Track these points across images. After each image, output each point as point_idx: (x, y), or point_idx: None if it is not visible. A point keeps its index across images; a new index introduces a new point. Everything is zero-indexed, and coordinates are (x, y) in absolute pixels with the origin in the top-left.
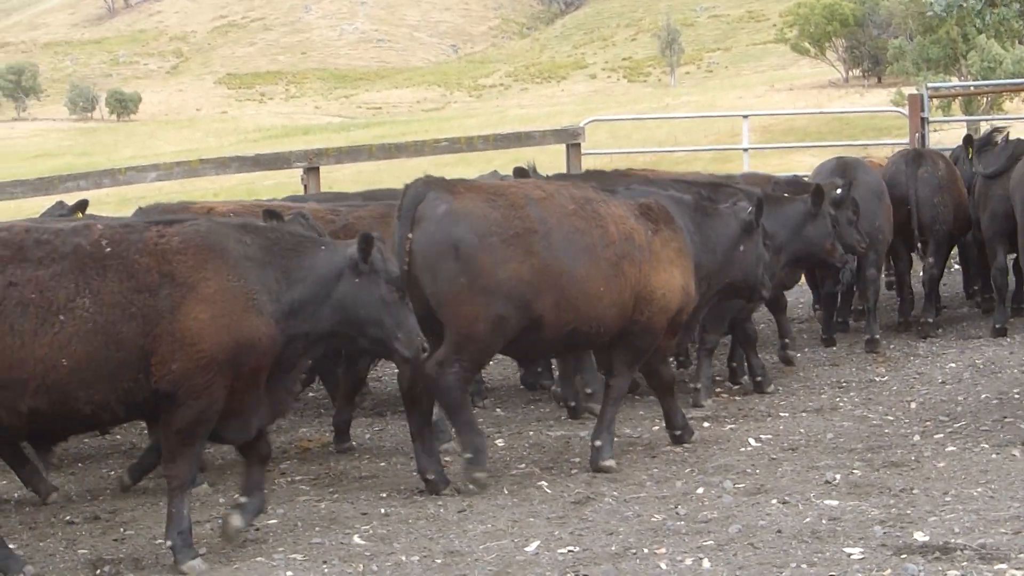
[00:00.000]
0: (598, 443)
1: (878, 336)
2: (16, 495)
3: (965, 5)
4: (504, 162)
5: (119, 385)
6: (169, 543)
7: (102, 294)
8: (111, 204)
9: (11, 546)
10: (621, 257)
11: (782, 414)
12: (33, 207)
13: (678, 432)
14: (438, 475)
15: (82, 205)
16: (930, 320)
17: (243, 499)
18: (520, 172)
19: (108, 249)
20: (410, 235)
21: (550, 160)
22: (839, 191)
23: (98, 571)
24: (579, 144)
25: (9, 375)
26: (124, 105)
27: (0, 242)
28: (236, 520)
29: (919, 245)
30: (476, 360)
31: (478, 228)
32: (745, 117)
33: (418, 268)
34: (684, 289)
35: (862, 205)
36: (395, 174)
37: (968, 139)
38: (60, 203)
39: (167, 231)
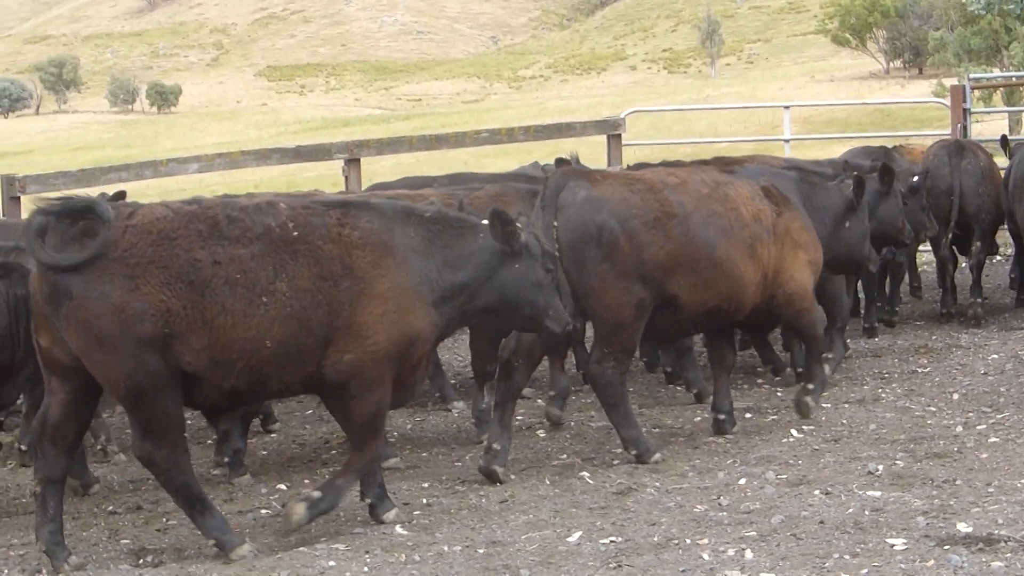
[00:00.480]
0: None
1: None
2: None
3: (1005, 8)
4: (544, 154)
5: (305, 369)
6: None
7: (296, 279)
8: (152, 196)
9: None
10: (754, 238)
11: (824, 405)
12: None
13: (721, 417)
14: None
15: (119, 196)
16: (979, 308)
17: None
18: (561, 163)
19: (296, 233)
20: (555, 223)
21: (590, 151)
22: (916, 179)
23: (140, 561)
24: (620, 135)
25: (221, 355)
26: (164, 97)
27: (195, 216)
28: None
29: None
30: (627, 348)
31: (619, 212)
32: (786, 108)
33: (563, 256)
34: (812, 264)
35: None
36: (435, 165)
37: (1004, 138)
38: (103, 195)
39: (347, 221)
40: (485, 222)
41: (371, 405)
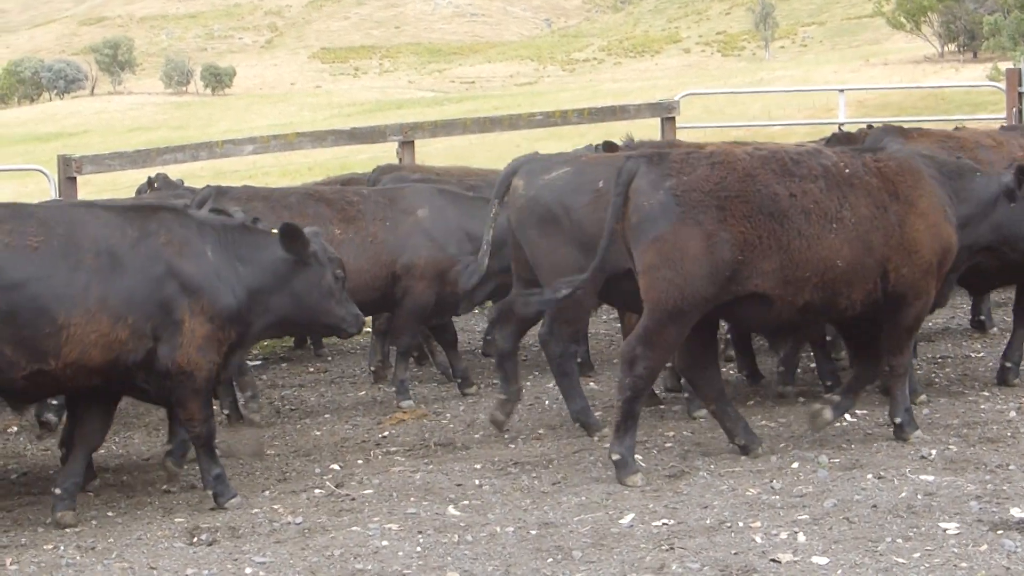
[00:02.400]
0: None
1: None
2: (115, 463)
3: None
4: (597, 136)
5: (865, 287)
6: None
7: (856, 208)
8: (205, 177)
9: (109, 513)
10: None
11: (876, 390)
12: (129, 179)
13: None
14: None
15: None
16: None
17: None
18: (610, 147)
19: (847, 171)
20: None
21: (643, 134)
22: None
23: (194, 539)
24: (674, 118)
25: (795, 274)
26: (219, 79)
27: (768, 158)
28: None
29: None
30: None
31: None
32: (841, 91)
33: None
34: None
35: None
36: (488, 148)
37: None
38: (161, 175)
39: (879, 157)
40: None
41: (918, 311)
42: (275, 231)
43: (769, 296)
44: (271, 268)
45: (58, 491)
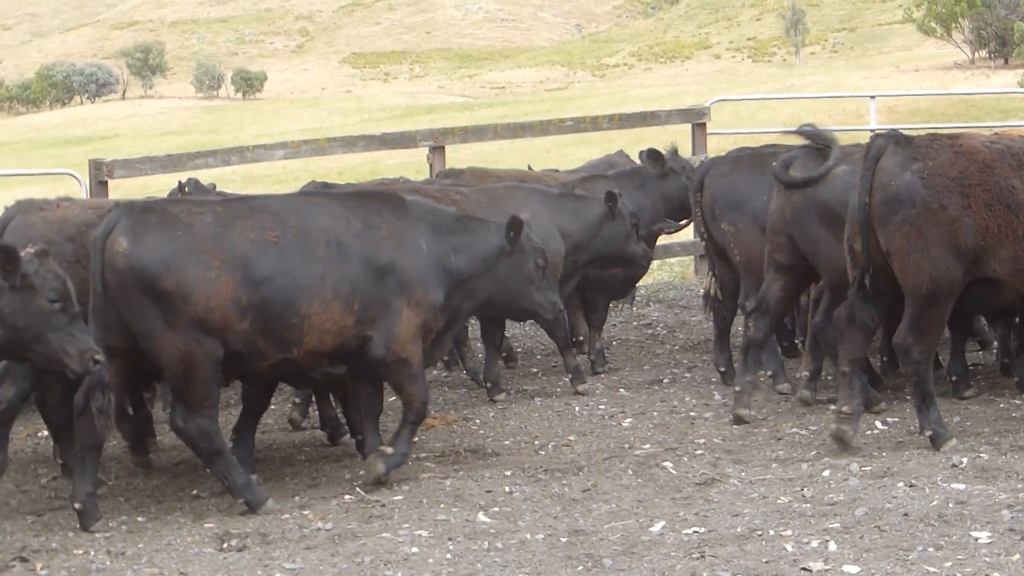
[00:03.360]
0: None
1: None
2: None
3: None
4: (627, 142)
5: None
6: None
7: None
8: (237, 182)
9: (139, 519)
10: None
11: (908, 397)
12: (160, 184)
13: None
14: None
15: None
16: None
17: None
18: (654, 154)
19: None
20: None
21: (673, 141)
22: None
23: (224, 544)
24: (704, 124)
25: None
26: (249, 83)
27: (1004, 151)
28: None
29: None
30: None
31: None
32: (872, 98)
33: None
34: None
35: None
36: (517, 153)
37: None
38: (192, 180)
39: None
40: None
41: None
42: (496, 222)
43: (1001, 281)
44: (482, 257)
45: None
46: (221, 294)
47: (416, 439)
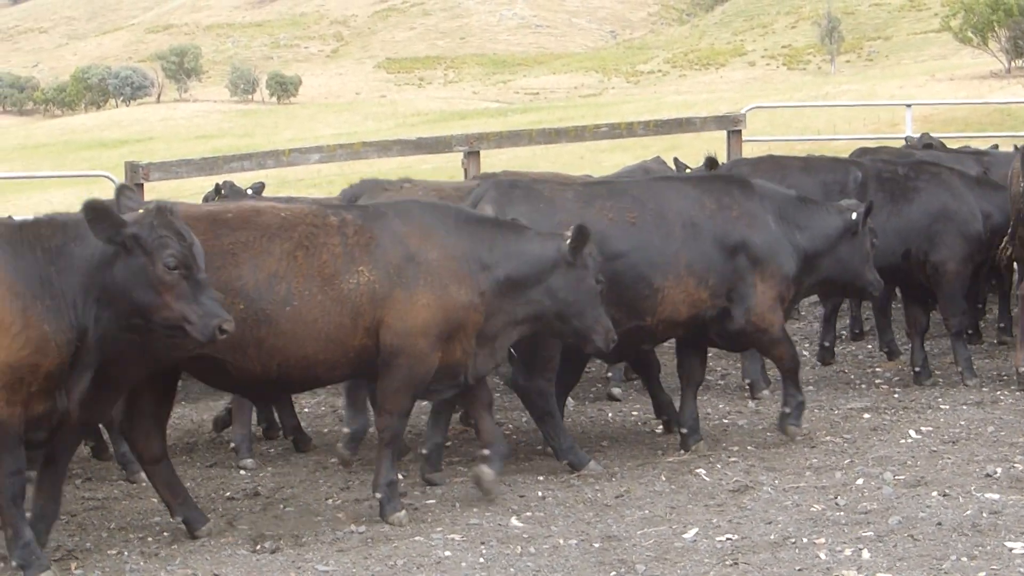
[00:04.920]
0: None
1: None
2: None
3: None
4: (662, 148)
5: None
6: None
7: None
8: (271, 185)
9: (173, 519)
10: None
11: (942, 406)
12: (195, 187)
13: None
14: None
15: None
16: None
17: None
18: (711, 163)
19: None
20: None
21: (708, 148)
22: None
23: (258, 546)
24: (740, 131)
25: None
26: (284, 88)
27: None
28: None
29: None
30: None
31: None
32: (908, 106)
33: None
34: None
35: None
36: (551, 159)
37: None
38: (228, 183)
39: None
40: None
41: None
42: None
43: None
44: (823, 235)
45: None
46: None
47: (449, 442)
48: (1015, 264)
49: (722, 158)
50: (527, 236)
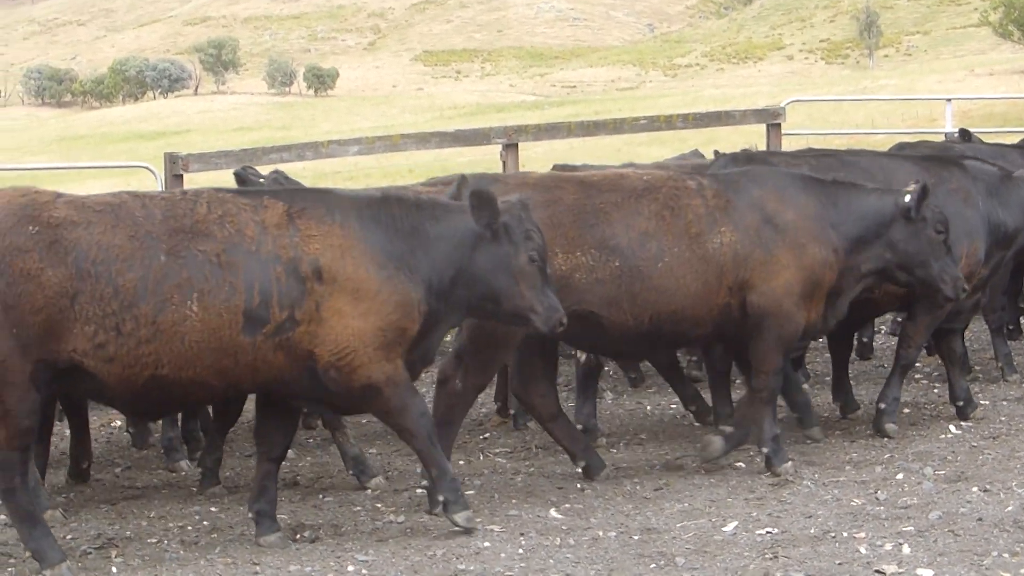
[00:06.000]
0: None
1: None
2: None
3: None
4: (700, 141)
5: None
6: None
7: None
8: (307, 178)
9: (212, 509)
10: None
11: (982, 402)
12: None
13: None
14: None
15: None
16: None
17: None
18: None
19: None
20: None
21: (746, 141)
22: None
23: (297, 535)
24: (779, 124)
25: None
26: (322, 80)
27: None
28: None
29: None
30: None
31: None
32: (948, 101)
33: None
34: None
35: None
36: (589, 152)
37: None
38: (279, 172)
39: None
40: None
41: None
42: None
43: None
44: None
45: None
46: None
47: (487, 434)
48: None
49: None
50: (866, 193)
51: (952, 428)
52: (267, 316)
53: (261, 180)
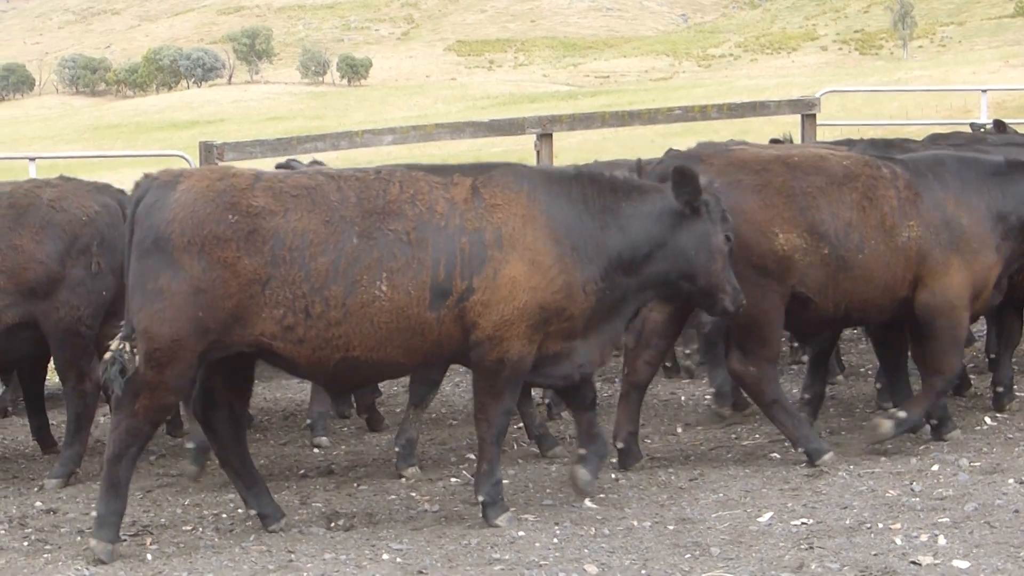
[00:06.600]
0: None
1: None
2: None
3: None
4: (733, 132)
5: None
6: None
7: None
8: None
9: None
10: None
11: (1019, 393)
12: (268, 168)
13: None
14: None
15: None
16: None
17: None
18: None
19: None
20: None
21: (779, 132)
22: None
23: (332, 524)
24: (815, 115)
25: None
26: (355, 70)
27: None
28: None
29: None
30: None
31: None
32: (984, 92)
33: None
34: None
35: None
36: (622, 142)
37: None
38: (314, 161)
39: None
40: None
41: None
42: None
43: None
44: None
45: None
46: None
47: (519, 425)
48: None
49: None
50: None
51: (987, 419)
52: (450, 288)
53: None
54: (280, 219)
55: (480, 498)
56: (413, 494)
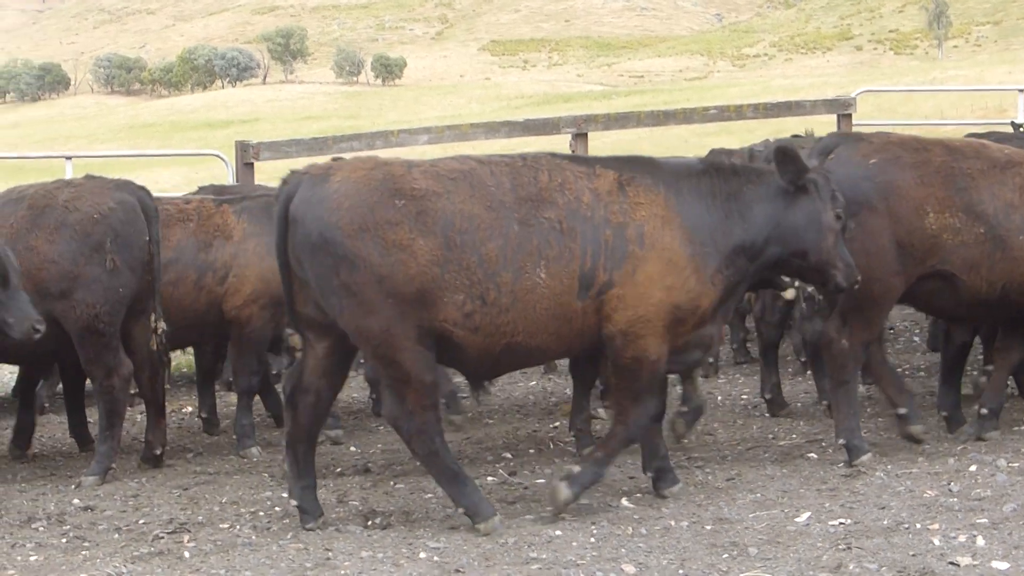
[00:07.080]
0: None
1: None
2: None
3: None
4: (767, 132)
5: None
6: None
7: None
8: None
9: (284, 495)
10: None
11: None
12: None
13: None
14: None
15: None
16: None
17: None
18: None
19: None
20: None
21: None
22: None
23: (368, 523)
24: (850, 115)
25: None
26: (389, 70)
27: None
28: None
29: None
30: None
31: None
32: (1021, 91)
33: None
34: None
35: None
36: (656, 142)
37: None
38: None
39: None
40: None
41: None
42: None
43: None
44: None
45: None
46: None
47: (556, 424)
48: None
49: None
50: None
51: None
52: (593, 278)
53: None
54: (445, 201)
55: (572, 471)
56: None
